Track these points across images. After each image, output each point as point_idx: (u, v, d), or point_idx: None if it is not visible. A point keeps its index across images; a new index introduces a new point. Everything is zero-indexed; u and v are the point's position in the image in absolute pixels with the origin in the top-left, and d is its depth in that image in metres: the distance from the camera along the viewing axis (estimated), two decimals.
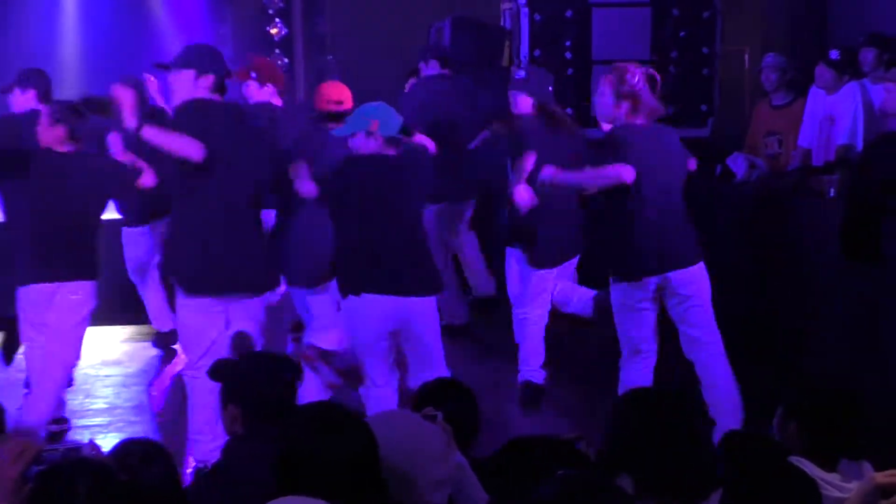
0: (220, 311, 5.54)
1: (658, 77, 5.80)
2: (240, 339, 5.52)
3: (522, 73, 7.06)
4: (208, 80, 5.70)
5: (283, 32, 11.70)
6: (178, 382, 6.67)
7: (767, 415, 3.65)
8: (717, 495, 2.91)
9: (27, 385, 6.23)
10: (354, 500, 2.62)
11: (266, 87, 7.10)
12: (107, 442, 4.83)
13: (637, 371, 5.82)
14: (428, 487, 2.86)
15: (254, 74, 7.11)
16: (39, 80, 7.09)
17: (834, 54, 7.50)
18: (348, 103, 6.34)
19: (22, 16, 11.18)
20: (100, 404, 6.94)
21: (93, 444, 3.15)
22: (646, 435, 3.02)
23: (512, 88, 6.84)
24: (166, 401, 7.00)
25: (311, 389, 5.60)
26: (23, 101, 6.99)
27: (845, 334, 6.45)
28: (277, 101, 7.13)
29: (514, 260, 6.92)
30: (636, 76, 5.68)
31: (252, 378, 3.78)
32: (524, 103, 6.73)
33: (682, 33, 8.64)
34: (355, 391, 5.82)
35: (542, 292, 6.83)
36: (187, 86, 5.72)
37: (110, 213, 6.83)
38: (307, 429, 2.77)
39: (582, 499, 2.42)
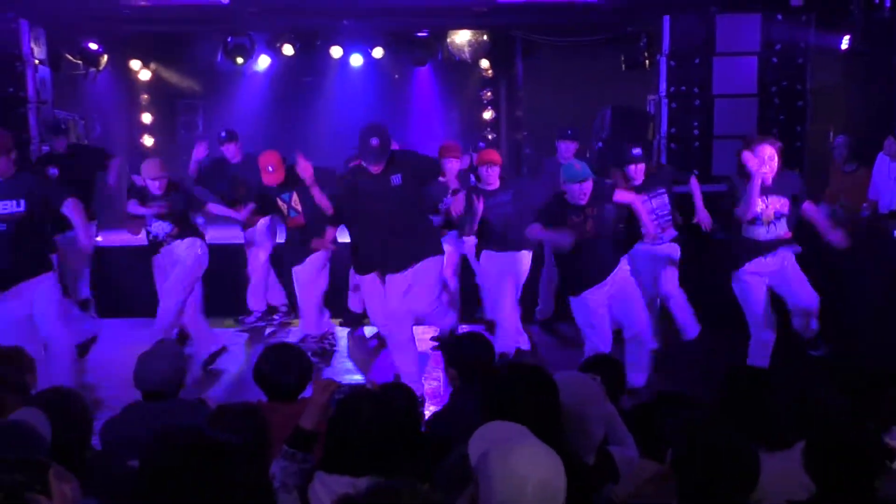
0: None
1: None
2: None
3: (639, 150, 6.49)
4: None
5: (492, 116, 11.96)
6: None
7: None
8: (798, 446, 2.86)
9: None
10: (539, 428, 2.56)
11: None
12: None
13: None
14: (593, 422, 2.87)
15: None
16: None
17: None
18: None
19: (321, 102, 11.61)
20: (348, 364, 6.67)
21: (373, 382, 3.27)
22: (749, 397, 2.96)
23: (637, 161, 6.40)
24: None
25: None
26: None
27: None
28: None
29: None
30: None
31: (462, 350, 3.81)
32: (640, 171, 6.45)
33: (781, 117, 8.44)
34: None
35: None
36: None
37: None
38: (507, 382, 2.78)
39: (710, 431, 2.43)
